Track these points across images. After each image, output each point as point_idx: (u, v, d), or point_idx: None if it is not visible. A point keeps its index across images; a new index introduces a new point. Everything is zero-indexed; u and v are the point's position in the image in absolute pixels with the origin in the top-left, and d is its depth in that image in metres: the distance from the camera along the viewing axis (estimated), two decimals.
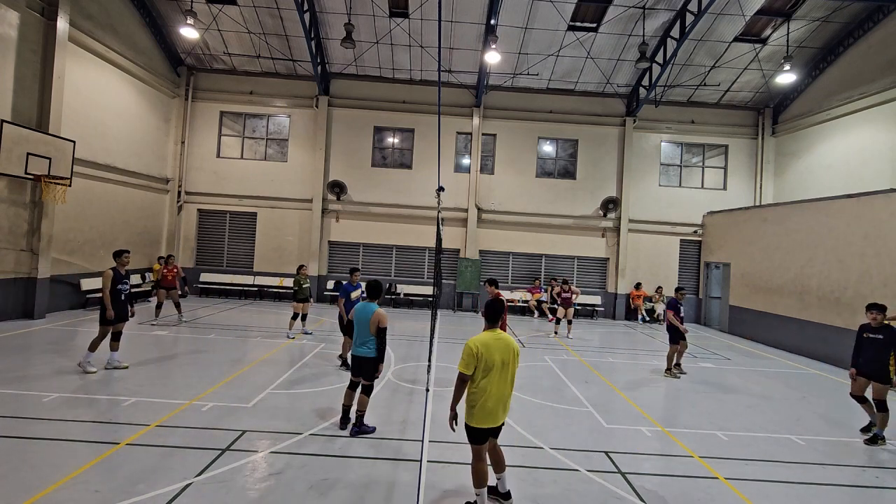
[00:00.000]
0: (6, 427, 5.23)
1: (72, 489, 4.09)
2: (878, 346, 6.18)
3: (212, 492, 4.21)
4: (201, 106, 17.50)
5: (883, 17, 13.65)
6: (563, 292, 13.36)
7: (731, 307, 15.54)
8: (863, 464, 5.66)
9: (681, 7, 14.41)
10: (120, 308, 7.53)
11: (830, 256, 11.73)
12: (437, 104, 12.01)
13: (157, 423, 5.60)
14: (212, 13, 15.14)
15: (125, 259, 7.71)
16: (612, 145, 17.90)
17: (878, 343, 6.19)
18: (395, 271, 17.82)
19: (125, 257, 7.72)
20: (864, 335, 6.39)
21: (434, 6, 14.30)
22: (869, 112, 13.96)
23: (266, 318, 13.34)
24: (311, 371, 8.27)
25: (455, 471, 4.88)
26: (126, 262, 7.74)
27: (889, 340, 6.13)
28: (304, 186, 17.46)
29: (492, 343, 3.96)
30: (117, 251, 7.74)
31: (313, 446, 5.25)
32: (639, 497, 4.56)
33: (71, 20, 11.76)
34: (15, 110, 10.64)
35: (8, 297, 10.74)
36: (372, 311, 5.61)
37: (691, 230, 17.80)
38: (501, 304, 4.22)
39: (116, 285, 7.48)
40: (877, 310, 6.29)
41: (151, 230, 16.24)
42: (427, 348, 9.15)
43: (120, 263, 7.63)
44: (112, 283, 7.40)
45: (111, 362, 7.63)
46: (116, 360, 7.67)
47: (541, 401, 7.36)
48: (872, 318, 6.30)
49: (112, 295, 7.41)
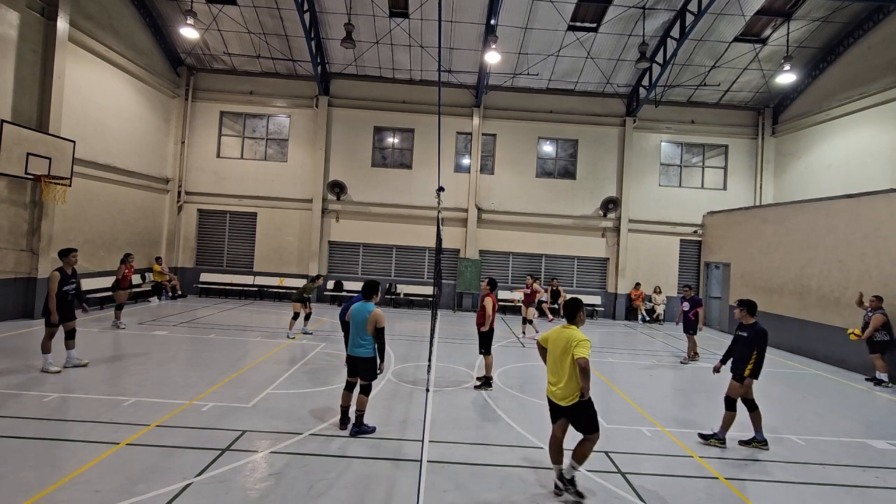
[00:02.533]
0: (6, 427, 5.23)
1: (72, 489, 4.09)
2: (743, 343, 6.05)
3: (212, 492, 4.21)
4: (201, 106, 17.50)
5: (883, 17, 13.64)
6: (526, 287, 12.79)
7: (732, 307, 15.53)
8: (863, 464, 5.66)
9: (681, 7, 14.41)
10: (65, 309, 7.31)
11: (830, 256, 11.72)
12: (438, 104, 12.01)
13: (157, 423, 5.60)
14: (212, 13, 15.15)
15: (73, 258, 7.48)
16: (612, 145, 17.90)
17: (743, 340, 6.06)
18: (395, 271, 17.82)
19: (73, 256, 7.48)
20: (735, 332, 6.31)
21: (434, 6, 14.30)
22: (869, 112, 13.96)
23: (266, 318, 13.34)
24: (311, 371, 8.27)
25: (455, 471, 4.88)
26: (74, 262, 7.52)
27: (752, 338, 5.94)
28: (304, 186, 17.46)
29: (551, 334, 4.65)
30: (64, 250, 7.49)
31: (313, 446, 5.25)
32: (639, 497, 4.56)
33: (71, 20, 11.77)
34: (15, 110, 10.64)
35: (8, 297, 10.74)
36: (369, 310, 5.60)
37: (691, 230, 17.80)
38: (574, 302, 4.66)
39: (62, 286, 7.21)
40: (742, 307, 6.13)
41: (151, 230, 16.24)
42: (427, 348, 9.14)
43: (66, 263, 7.41)
44: (59, 285, 7.15)
45: (70, 360, 7.50)
46: (76, 359, 7.55)
47: (541, 401, 7.34)
48: (740, 315, 6.15)
49: (58, 296, 7.15)
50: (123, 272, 11.16)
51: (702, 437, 6.11)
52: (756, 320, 6.07)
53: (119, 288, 11.12)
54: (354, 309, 5.72)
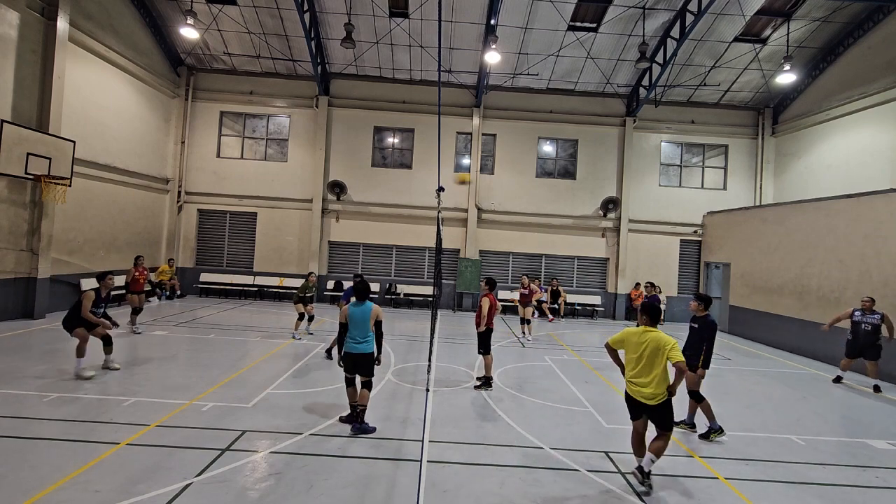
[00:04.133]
0: (6, 427, 5.24)
1: (72, 489, 4.09)
2: (693, 334, 6.27)
3: (212, 492, 4.21)
4: (201, 106, 17.50)
5: (883, 17, 13.65)
6: (521, 288, 12.47)
7: (731, 307, 15.54)
8: (863, 464, 5.66)
9: (681, 7, 14.41)
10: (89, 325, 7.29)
11: (830, 256, 11.72)
12: (438, 104, 12.00)
13: (157, 423, 5.60)
14: (212, 13, 15.15)
15: (109, 282, 7.48)
16: (612, 145, 17.90)
17: (694, 331, 6.28)
18: (395, 271, 17.82)
19: (109, 279, 7.47)
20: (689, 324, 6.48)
21: (434, 6, 14.31)
22: (869, 112, 13.96)
23: (266, 318, 13.33)
24: (311, 371, 8.27)
25: (455, 471, 4.88)
26: (110, 285, 7.52)
27: (701, 330, 6.14)
28: (304, 186, 17.46)
29: (631, 336, 4.87)
30: (101, 273, 7.46)
31: (313, 446, 5.25)
32: (639, 497, 4.57)
33: (71, 20, 11.76)
34: (15, 110, 10.64)
35: (8, 297, 10.74)
36: (370, 308, 5.79)
37: (691, 230, 17.80)
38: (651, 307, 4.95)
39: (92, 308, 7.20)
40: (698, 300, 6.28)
41: (151, 230, 16.24)
42: (427, 348, 9.14)
43: (103, 286, 7.42)
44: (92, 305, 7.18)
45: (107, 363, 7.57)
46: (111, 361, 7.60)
47: (541, 401, 7.36)
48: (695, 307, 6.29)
49: None
50: (134, 275, 10.69)
51: (701, 437, 6.17)
52: (708, 313, 6.27)
53: (130, 291, 10.68)
54: (355, 311, 5.77)
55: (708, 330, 6.10)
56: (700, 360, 6.09)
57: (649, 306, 4.91)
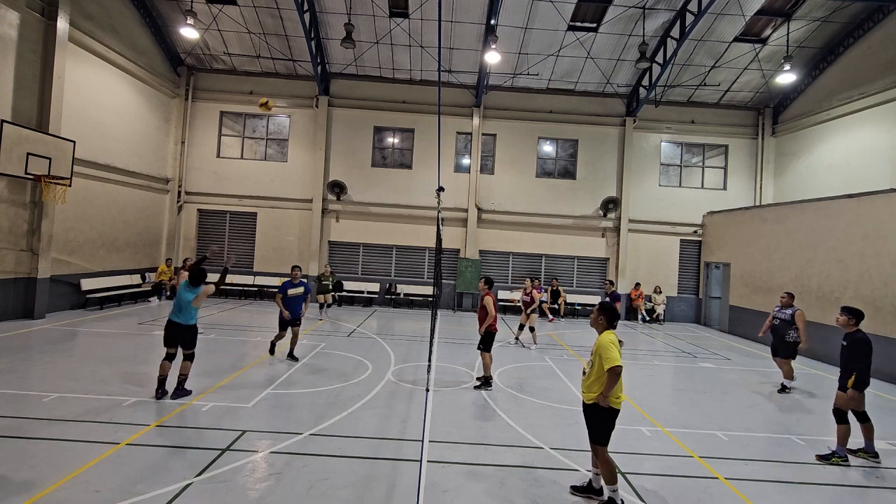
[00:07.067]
0: (6, 427, 5.24)
1: (72, 489, 4.09)
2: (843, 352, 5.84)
3: (212, 492, 4.21)
4: (201, 106, 17.50)
5: (883, 17, 13.65)
6: (524, 293, 11.82)
7: (731, 307, 15.54)
8: (863, 464, 5.66)
9: (681, 7, 14.41)
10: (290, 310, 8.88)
11: (830, 256, 11.72)
12: (438, 104, 12.00)
13: (157, 423, 5.61)
14: (212, 13, 15.15)
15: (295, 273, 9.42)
16: (612, 145, 17.90)
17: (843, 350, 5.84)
18: (395, 271, 17.82)
19: (295, 271, 9.45)
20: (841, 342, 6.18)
21: (434, 6, 14.31)
22: (869, 112, 13.96)
23: (266, 318, 13.33)
24: (311, 371, 8.27)
25: (455, 471, 4.88)
26: (296, 276, 9.32)
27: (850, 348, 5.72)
28: (304, 186, 17.46)
29: None
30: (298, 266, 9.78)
31: (313, 446, 5.25)
32: (639, 497, 4.56)
33: (71, 20, 11.76)
34: (15, 110, 10.64)
35: (8, 297, 10.73)
36: (197, 291, 6.60)
37: (691, 230, 17.80)
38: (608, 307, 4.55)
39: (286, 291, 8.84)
40: (844, 313, 5.90)
41: (151, 230, 16.24)
42: (427, 348, 9.14)
43: (293, 276, 9.24)
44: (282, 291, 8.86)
45: None
46: None
47: (541, 401, 7.36)
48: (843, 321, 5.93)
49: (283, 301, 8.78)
50: None
51: (820, 459, 5.70)
52: (858, 328, 5.71)
53: None
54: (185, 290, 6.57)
55: (858, 348, 5.52)
56: (851, 380, 5.56)
57: (607, 306, 4.49)
